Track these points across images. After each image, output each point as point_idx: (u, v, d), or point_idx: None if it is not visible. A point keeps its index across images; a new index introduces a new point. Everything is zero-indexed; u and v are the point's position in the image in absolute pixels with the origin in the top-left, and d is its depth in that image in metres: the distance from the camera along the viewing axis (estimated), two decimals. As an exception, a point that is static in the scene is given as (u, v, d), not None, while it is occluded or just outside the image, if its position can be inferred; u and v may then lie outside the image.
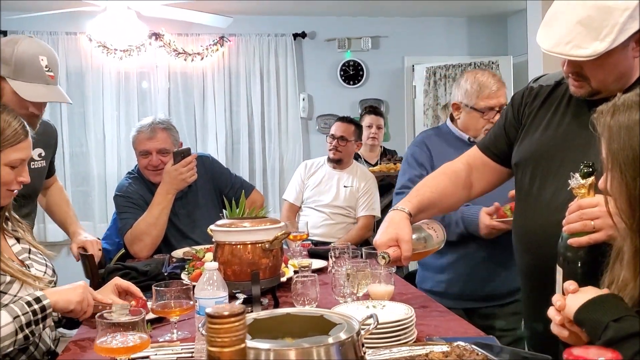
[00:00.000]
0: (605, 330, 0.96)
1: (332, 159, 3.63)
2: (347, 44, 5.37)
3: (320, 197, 3.60)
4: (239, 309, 0.59)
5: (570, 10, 1.41)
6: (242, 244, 1.65)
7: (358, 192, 3.58)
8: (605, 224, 1.21)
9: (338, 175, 3.63)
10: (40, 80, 2.08)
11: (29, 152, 1.66)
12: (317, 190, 3.62)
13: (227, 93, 5.15)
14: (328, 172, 3.66)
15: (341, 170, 3.65)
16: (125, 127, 5.01)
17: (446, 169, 1.83)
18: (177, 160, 2.66)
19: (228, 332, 0.57)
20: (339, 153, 3.61)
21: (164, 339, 1.60)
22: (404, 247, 1.60)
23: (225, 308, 0.58)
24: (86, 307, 1.59)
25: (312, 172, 3.70)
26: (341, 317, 1.12)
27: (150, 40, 4.90)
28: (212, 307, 0.60)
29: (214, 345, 0.57)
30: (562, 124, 1.57)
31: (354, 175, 3.62)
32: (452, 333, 1.56)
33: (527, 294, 1.70)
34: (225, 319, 0.56)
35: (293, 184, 3.74)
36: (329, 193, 3.59)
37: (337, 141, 3.60)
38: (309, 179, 3.68)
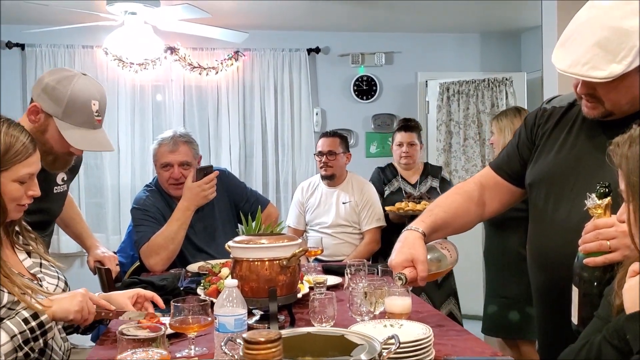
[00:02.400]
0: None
1: (324, 175, 3.60)
2: (360, 59, 5.40)
3: (321, 219, 3.58)
4: (275, 335, 0.59)
5: (587, 32, 1.41)
6: (260, 261, 1.65)
7: (358, 206, 3.54)
8: (621, 244, 1.22)
9: (335, 192, 3.60)
10: (88, 125, 2.00)
11: (38, 166, 1.64)
12: (317, 212, 3.60)
13: (241, 107, 5.18)
14: (324, 191, 3.63)
15: (337, 187, 3.61)
16: (140, 140, 5.04)
17: (459, 189, 1.84)
18: (199, 177, 2.68)
19: (265, 358, 0.57)
20: (330, 168, 3.56)
21: (182, 355, 1.60)
22: (420, 268, 1.60)
23: (261, 334, 0.59)
24: (86, 315, 1.59)
25: (310, 193, 3.67)
26: (362, 338, 1.12)
27: (165, 54, 4.94)
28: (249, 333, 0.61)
29: (250, 371, 0.58)
30: (575, 145, 1.58)
31: (351, 190, 3.58)
32: (470, 352, 1.55)
33: (541, 314, 1.70)
34: (262, 345, 0.57)
35: (293, 209, 3.73)
36: (330, 213, 3.57)
37: (325, 157, 3.55)
38: (307, 201, 3.66)
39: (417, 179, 3.73)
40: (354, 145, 5.37)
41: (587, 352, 1.14)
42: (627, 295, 1.08)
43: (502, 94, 5.13)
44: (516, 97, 5.09)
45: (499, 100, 5.14)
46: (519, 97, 5.08)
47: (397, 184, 3.71)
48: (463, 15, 4.90)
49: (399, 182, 3.71)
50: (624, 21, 1.37)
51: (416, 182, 3.71)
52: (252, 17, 4.74)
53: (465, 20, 5.10)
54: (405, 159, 3.69)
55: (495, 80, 5.16)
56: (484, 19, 5.08)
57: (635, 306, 1.05)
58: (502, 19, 5.10)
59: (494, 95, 5.16)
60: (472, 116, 5.19)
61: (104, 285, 2.43)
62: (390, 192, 3.69)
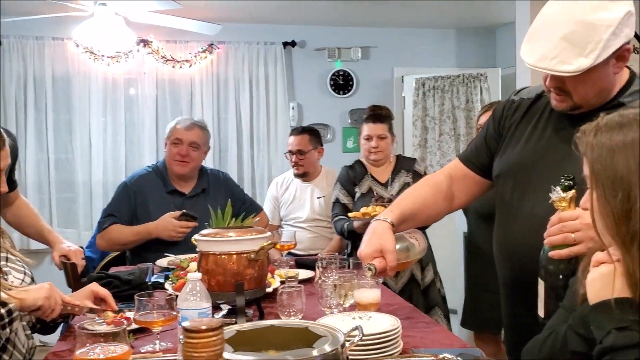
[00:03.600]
0: (607, 335, 0.99)
1: (296, 174, 3.56)
2: (337, 54, 5.38)
3: (296, 214, 3.54)
4: (217, 322, 0.57)
5: (555, 26, 1.41)
6: (227, 254, 1.63)
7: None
8: (586, 236, 1.23)
9: (310, 187, 3.56)
10: None
11: (7, 161, 1.63)
12: (292, 207, 3.57)
13: (216, 101, 5.13)
14: (299, 186, 3.59)
15: (311, 182, 3.57)
16: (112, 134, 4.96)
17: (428, 181, 1.84)
18: (181, 218, 2.82)
19: (205, 347, 0.55)
20: (301, 167, 3.51)
21: (146, 350, 1.57)
22: (389, 258, 1.60)
23: (202, 322, 0.56)
24: (54, 305, 1.57)
25: (284, 188, 3.63)
26: (326, 329, 1.10)
27: (138, 46, 4.87)
28: (190, 320, 0.58)
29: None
30: (543, 137, 1.58)
31: (326, 184, 3.54)
32: (438, 345, 1.55)
33: (508, 306, 1.70)
34: (203, 333, 0.55)
35: (268, 204, 3.68)
36: (304, 208, 3.53)
37: (295, 156, 3.50)
38: (282, 196, 3.62)
39: (389, 177, 3.18)
40: (330, 140, 5.36)
41: (553, 342, 1.14)
42: (591, 286, 1.08)
43: (477, 90, 5.16)
44: (490, 93, 5.12)
45: (473, 95, 5.16)
46: (493, 93, 5.12)
47: (367, 184, 3.18)
48: (439, 10, 4.91)
49: (369, 181, 3.18)
50: (590, 15, 1.37)
51: (387, 180, 3.18)
52: (227, 10, 4.68)
53: (441, 16, 5.11)
54: (374, 155, 3.15)
55: (470, 76, 5.18)
56: (460, 14, 5.09)
57: (598, 296, 1.05)
58: (478, 15, 5.12)
59: (468, 90, 5.18)
60: (448, 112, 5.21)
61: (69, 280, 2.37)
62: (360, 194, 3.17)
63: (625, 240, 1.01)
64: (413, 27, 5.47)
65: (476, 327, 3.14)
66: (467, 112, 5.16)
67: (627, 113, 1.07)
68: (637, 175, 1.00)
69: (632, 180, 1.00)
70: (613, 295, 1.02)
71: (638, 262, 0.99)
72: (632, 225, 0.99)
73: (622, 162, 1.01)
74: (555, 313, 1.23)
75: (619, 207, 1.01)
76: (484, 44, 5.65)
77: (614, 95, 1.49)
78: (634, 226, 0.99)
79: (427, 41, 5.56)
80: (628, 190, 1.00)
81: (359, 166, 3.25)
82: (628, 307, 1.00)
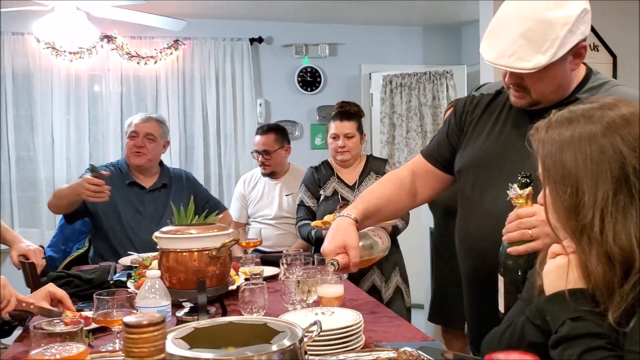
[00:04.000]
0: (562, 325, 1.01)
1: (264, 174, 3.52)
2: (304, 50, 5.37)
3: (264, 212, 3.51)
4: (159, 318, 0.56)
5: (513, 23, 1.43)
6: (188, 252, 1.61)
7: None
8: (543, 232, 1.25)
9: (278, 185, 3.53)
10: None
11: None
12: (260, 205, 3.53)
13: (182, 97, 5.07)
14: (267, 183, 3.55)
15: (279, 179, 3.54)
16: (76, 132, 4.87)
17: (391, 176, 1.85)
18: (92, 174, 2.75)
19: (146, 342, 0.54)
20: (268, 167, 3.47)
21: (106, 349, 1.55)
22: (352, 254, 1.61)
23: (144, 317, 0.55)
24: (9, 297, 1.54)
25: (252, 186, 3.59)
26: (285, 325, 1.09)
27: (102, 42, 4.78)
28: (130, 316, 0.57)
29: (131, 356, 0.54)
30: (502, 133, 1.60)
31: (293, 181, 3.49)
32: (400, 339, 1.56)
33: (470, 299, 1.72)
34: (144, 328, 0.54)
35: (235, 202, 3.65)
36: (272, 206, 3.50)
37: (262, 156, 3.45)
38: (249, 194, 3.58)
39: (357, 179, 3.01)
40: (298, 137, 5.35)
41: (511, 333, 1.16)
42: (547, 277, 1.10)
43: (443, 87, 5.21)
44: (456, 90, 5.17)
45: (440, 93, 5.21)
46: (459, 90, 5.17)
47: (332, 187, 3.01)
48: (406, 8, 4.94)
49: (334, 183, 3.01)
50: (547, 12, 1.39)
51: (355, 182, 3.00)
52: (192, 5, 4.63)
53: (408, 14, 5.14)
54: (341, 155, 2.97)
55: (437, 73, 5.23)
56: (426, 12, 5.13)
57: (554, 287, 1.07)
58: (443, 13, 5.17)
59: (435, 88, 5.23)
60: (415, 109, 5.25)
61: (28, 280, 2.32)
62: (324, 196, 3.01)
63: (576, 233, 1.03)
64: (380, 25, 5.49)
65: (443, 322, 3.17)
66: (434, 109, 5.21)
67: (576, 109, 1.09)
68: (584, 170, 1.02)
69: (580, 175, 1.02)
70: (567, 286, 1.05)
71: (589, 254, 1.01)
72: (581, 218, 1.01)
73: (570, 157, 1.03)
74: (515, 304, 1.25)
75: (568, 201, 1.03)
76: (450, 42, 5.71)
77: (572, 92, 1.52)
78: (582, 219, 1.01)
79: (394, 38, 5.59)
80: (576, 184, 1.02)
81: (325, 167, 3.11)
82: (581, 298, 1.02)
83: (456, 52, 5.71)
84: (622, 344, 0.97)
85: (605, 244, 0.99)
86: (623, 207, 0.99)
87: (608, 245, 0.99)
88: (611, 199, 0.99)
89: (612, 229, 0.99)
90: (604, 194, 1.00)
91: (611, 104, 1.07)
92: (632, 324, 0.96)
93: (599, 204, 1.00)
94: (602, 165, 1.01)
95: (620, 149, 1.01)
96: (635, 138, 1.01)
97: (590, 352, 0.97)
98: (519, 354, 0.54)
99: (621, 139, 1.01)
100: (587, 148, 1.02)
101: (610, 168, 1.00)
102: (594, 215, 1.00)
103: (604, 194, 1.00)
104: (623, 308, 0.97)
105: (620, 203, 0.99)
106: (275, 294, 1.94)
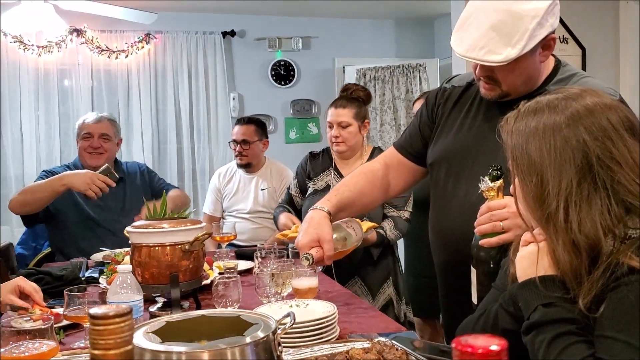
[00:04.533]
0: (533, 312, 1.02)
1: (239, 164, 3.49)
2: (277, 44, 5.34)
3: (239, 206, 3.49)
4: (125, 309, 0.56)
5: (483, 15, 1.44)
6: (161, 246, 1.59)
7: (276, 193, 3.45)
8: (514, 224, 1.27)
9: (254, 179, 3.51)
10: None
11: None
12: (235, 199, 3.51)
13: (154, 92, 5.01)
14: (243, 177, 3.53)
15: (255, 173, 3.52)
16: (45, 127, 4.79)
17: (364, 169, 1.85)
18: (103, 172, 2.78)
19: (112, 334, 0.53)
20: (245, 157, 3.44)
21: (78, 346, 1.53)
22: (326, 247, 1.60)
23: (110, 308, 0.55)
24: None
25: (227, 179, 3.57)
26: (258, 317, 1.09)
27: (71, 36, 4.70)
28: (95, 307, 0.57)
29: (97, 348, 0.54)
30: (473, 126, 1.61)
31: (270, 176, 3.50)
32: (375, 329, 1.56)
33: (444, 290, 1.73)
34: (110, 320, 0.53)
35: (210, 196, 3.62)
36: (248, 200, 3.48)
37: (240, 146, 3.43)
38: (225, 188, 3.56)
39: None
40: (272, 131, 5.33)
41: (485, 321, 1.17)
42: (519, 264, 1.11)
43: (416, 80, 5.24)
44: (429, 83, 5.20)
45: (413, 86, 5.24)
46: (432, 83, 5.20)
47: (326, 179, 2.74)
48: (379, 1, 4.94)
49: (330, 176, 2.74)
50: (516, 5, 1.40)
51: None
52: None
53: (381, 7, 5.15)
54: (336, 146, 2.69)
55: (410, 66, 5.25)
56: (399, 6, 5.15)
57: (526, 274, 1.09)
58: (416, 6, 5.19)
59: (408, 81, 5.25)
60: (388, 102, 5.27)
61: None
62: (314, 190, 2.73)
63: (542, 222, 1.05)
64: (353, 18, 5.49)
65: (417, 313, 3.20)
66: (407, 102, 5.23)
67: (541, 99, 1.10)
68: (548, 160, 1.03)
69: (545, 165, 1.03)
70: (538, 273, 1.06)
71: (556, 242, 1.02)
72: (546, 207, 1.03)
73: (535, 147, 1.05)
74: (488, 292, 1.26)
75: (534, 190, 1.05)
76: (423, 35, 5.74)
77: (541, 83, 1.54)
78: (547, 208, 1.03)
79: (367, 32, 5.60)
80: (541, 174, 1.04)
81: (324, 156, 2.82)
82: (552, 285, 1.04)
83: (429, 45, 5.74)
84: (592, 329, 0.99)
85: (571, 232, 1.01)
86: (587, 196, 1.01)
87: (573, 233, 1.00)
88: (575, 188, 1.01)
89: (576, 217, 1.00)
90: (567, 183, 1.01)
91: (576, 95, 1.09)
92: (601, 310, 0.97)
93: (562, 192, 1.01)
94: (565, 155, 1.02)
95: (584, 138, 1.02)
96: (598, 128, 1.03)
97: (560, 337, 0.98)
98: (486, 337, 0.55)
99: (585, 129, 1.03)
100: (552, 138, 1.04)
101: (573, 158, 1.02)
102: (559, 204, 1.01)
103: (568, 183, 1.01)
104: (593, 294, 0.98)
105: (584, 192, 1.01)
106: (250, 287, 1.93)
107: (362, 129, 2.70)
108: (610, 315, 0.96)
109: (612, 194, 1.00)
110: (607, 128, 1.03)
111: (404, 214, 2.63)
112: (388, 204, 2.60)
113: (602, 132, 1.02)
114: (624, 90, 4.07)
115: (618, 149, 1.02)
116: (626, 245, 0.98)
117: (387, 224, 2.58)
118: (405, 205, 2.63)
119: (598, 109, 1.05)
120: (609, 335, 0.95)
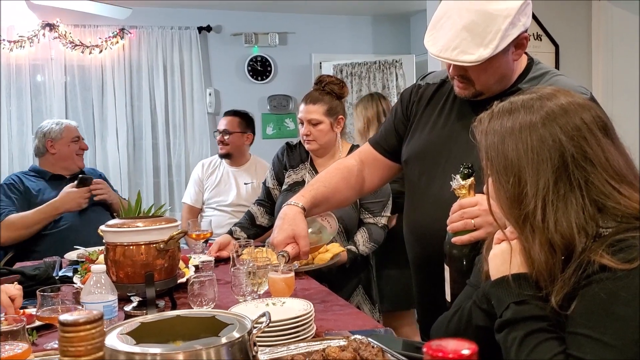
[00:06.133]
0: (506, 309, 1.04)
1: (220, 154, 3.52)
2: (254, 39, 5.32)
3: (221, 197, 3.48)
4: (95, 315, 0.55)
5: (456, 15, 1.45)
6: (135, 245, 1.57)
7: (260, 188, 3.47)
8: (485, 221, 1.28)
9: (237, 172, 3.52)
10: None
11: None
12: (217, 191, 3.50)
13: (128, 87, 4.96)
14: (226, 170, 3.53)
15: (239, 167, 3.53)
16: (18, 123, 4.71)
17: (340, 164, 1.85)
18: (79, 186, 2.84)
19: (83, 341, 0.52)
20: (226, 147, 3.47)
21: (51, 347, 1.50)
22: (302, 243, 1.61)
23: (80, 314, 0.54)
24: None
25: (210, 171, 3.56)
26: (234, 317, 1.09)
27: (43, 30, 4.62)
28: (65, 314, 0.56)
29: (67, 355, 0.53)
30: (447, 124, 1.63)
31: (253, 172, 3.51)
32: (352, 327, 1.57)
33: (418, 286, 1.75)
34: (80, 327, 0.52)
35: (191, 185, 3.61)
36: (230, 192, 3.48)
37: (221, 135, 3.48)
38: (207, 179, 3.55)
39: None
40: (249, 127, 5.30)
41: (459, 318, 1.18)
42: (492, 262, 1.12)
43: (393, 76, 5.26)
44: (405, 79, 5.23)
45: (389, 82, 5.26)
46: (408, 79, 5.23)
47: (302, 173, 2.61)
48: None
49: (305, 170, 2.61)
50: (489, 5, 1.41)
51: None
52: (138, -7, 4.52)
53: (357, 3, 5.16)
54: (307, 144, 2.56)
55: (386, 62, 5.27)
56: (375, 2, 5.15)
57: (498, 272, 1.10)
58: (393, 2, 5.21)
59: (384, 77, 5.27)
60: (365, 97, 5.27)
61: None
62: (289, 185, 2.59)
63: (519, 222, 1.05)
64: (330, 14, 5.49)
65: (387, 306, 3.20)
66: (384, 98, 5.24)
67: (516, 100, 1.11)
68: (525, 160, 1.04)
69: (522, 165, 1.04)
70: (511, 271, 1.07)
71: (532, 242, 1.03)
72: (524, 207, 1.04)
73: (512, 147, 1.05)
74: (463, 290, 1.27)
75: (511, 191, 1.05)
76: (399, 31, 5.76)
77: (514, 82, 1.55)
78: (525, 208, 1.03)
79: (344, 28, 5.60)
80: (518, 174, 1.04)
81: (301, 148, 2.65)
82: (525, 282, 1.05)
83: (405, 42, 5.77)
84: (564, 326, 1.00)
85: (547, 232, 1.02)
86: (564, 195, 1.02)
87: (550, 233, 1.01)
88: (552, 187, 1.02)
89: (553, 216, 1.01)
90: (545, 183, 1.02)
91: (550, 94, 1.10)
92: (573, 307, 0.98)
93: (540, 192, 1.02)
94: (542, 154, 1.03)
95: (560, 138, 1.03)
96: (573, 127, 1.04)
97: (532, 334, 1.00)
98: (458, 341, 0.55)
99: (560, 128, 1.04)
100: (528, 138, 1.04)
101: (550, 157, 1.02)
102: (536, 204, 1.02)
103: (545, 182, 1.02)
104: (565, 292, 1.00)
105: (560, 191, 1.02)
106: (226, 285, 1.92)
107: (335, 125, 2.54)
108: (582, 313, 0.97)
109: (586, 194, 1.01)
110: (581, 127, 1.04)
111: (381, 221, 2.46)
112: (365, 209, 2.46)
113: (577, 132, 1.03)
114: (596, 86, 4.14)
115: (592, 149, 1.03)
116: (597, 244, 0.99)
117: (360, 236, 2.40)
118: (383, 211, 2.47)
119: (572, 108, 1.06)
120: (580, 332, 0.96)
